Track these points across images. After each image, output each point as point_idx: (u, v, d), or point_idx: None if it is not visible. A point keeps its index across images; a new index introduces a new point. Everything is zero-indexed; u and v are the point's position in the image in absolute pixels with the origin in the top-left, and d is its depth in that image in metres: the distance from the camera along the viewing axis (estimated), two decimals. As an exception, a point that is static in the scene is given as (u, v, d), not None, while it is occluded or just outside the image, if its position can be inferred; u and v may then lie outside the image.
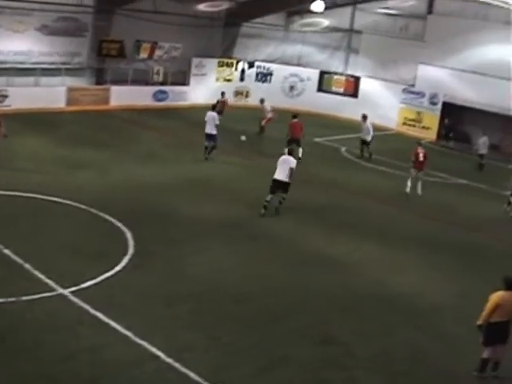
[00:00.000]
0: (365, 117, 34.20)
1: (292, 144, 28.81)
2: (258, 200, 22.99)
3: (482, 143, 35.50)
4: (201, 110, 32.87)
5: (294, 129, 30.64)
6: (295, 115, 31.43)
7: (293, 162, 22.68)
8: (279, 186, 22.70)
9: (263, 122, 36.10)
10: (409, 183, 27.50)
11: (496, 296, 13.50)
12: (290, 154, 23.46)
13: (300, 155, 29.87)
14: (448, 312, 17.05)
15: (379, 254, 20.60)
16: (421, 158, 27.66)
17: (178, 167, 27.27)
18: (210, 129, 28.87)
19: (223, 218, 21.66)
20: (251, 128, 34.93)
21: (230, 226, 21.03)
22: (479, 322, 13.60)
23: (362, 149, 33.92)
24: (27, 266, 16.02)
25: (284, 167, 22.61)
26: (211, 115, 29.05)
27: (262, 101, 36.10)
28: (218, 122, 28.91)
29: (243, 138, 31.20)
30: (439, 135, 41.92)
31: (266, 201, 22.53)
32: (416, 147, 28.16)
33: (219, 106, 32.79)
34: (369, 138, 33.56)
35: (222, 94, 37.88)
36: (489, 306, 13.47)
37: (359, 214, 24.59)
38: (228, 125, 32.81)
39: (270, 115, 36.09)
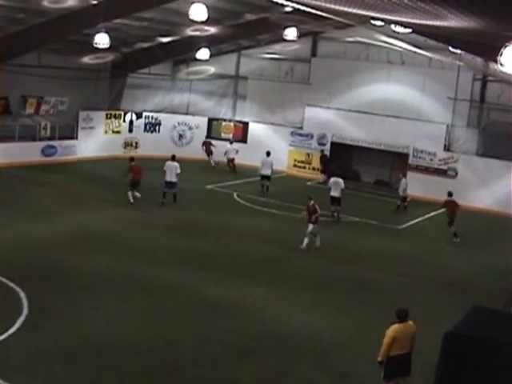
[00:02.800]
0: (268, 153, 37.22)
1: (135, 186, 30.82)
2: (147, 250, 23.97)
3: (403, 185, 35.38)
4: (90, 163, 32.80)
5: (135, 172, 31.32)
6: (132, 158, 32.55)
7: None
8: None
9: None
10: (306, 240, 26.11)
11: (391, 330, 13.67)
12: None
13: (138, 195, 31.11)
14: (347, 349, 17.20)
15: (273, 296, 20.63)
16: (317, 211, 26.27)
17: (68, 222, 26.85)
18: (171, 177, 31.24)
19: (116, 271, 21.40)
20: (145, 179, 35.00)
21: (122, 279, 20.79)
22: (379, 359, 13.76)
23: (263, 184, 36.14)
24: None
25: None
26: (173, 165, 31.52)
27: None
28: (179, 171, 31.24)
29: None
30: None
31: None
32: (309, 202, 26.53)
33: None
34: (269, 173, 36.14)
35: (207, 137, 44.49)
36: (385, 340, 13.61)
37: (249, 257, 24.65)
38: (118, 176, 32.62)
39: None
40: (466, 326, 12.57)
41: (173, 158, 32.25)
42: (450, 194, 31.05)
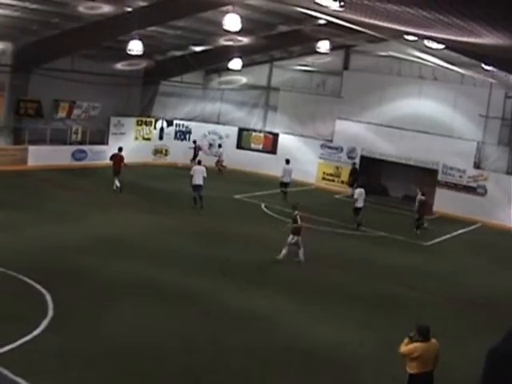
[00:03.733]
0: (288, 161, 38.23)
1: (117, 174, 33.58)
2: (172, 256, 23.92)
3: (418, 201, 34.32)
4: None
5: (115, 162, 33.77)
6: (120, 148, 34.85)
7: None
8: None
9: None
10: (284, 251, 25.01)
11: (413, 348, 13.47)
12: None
13: (118, 185, 33.46)
14: (371, 363, 17.00)
15: (296, 308, 20.45)
16: (297, 221, 25.11)
17: (95, 226, 26.92)
18: (199, 180, 31.87)
19: (140, 276, 21.37)
20: (173, 185, 35.06)
21: (145, 284, 20.76)
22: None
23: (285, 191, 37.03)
24: None
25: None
26: (200, 168, 32.51)
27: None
28: (205, 175, 32.20)
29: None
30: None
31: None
32: (293, 211, 25.53)
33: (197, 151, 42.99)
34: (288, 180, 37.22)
35: (194, 141, 44.34)
36: (405, 352, 13.44)
37: (274, 268, 24.47)
38: (147, 183, 32.77)
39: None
40: (510, 343, 12.42)
41: (199, 163, 33.65)
42: (421, 194, 33.66)
